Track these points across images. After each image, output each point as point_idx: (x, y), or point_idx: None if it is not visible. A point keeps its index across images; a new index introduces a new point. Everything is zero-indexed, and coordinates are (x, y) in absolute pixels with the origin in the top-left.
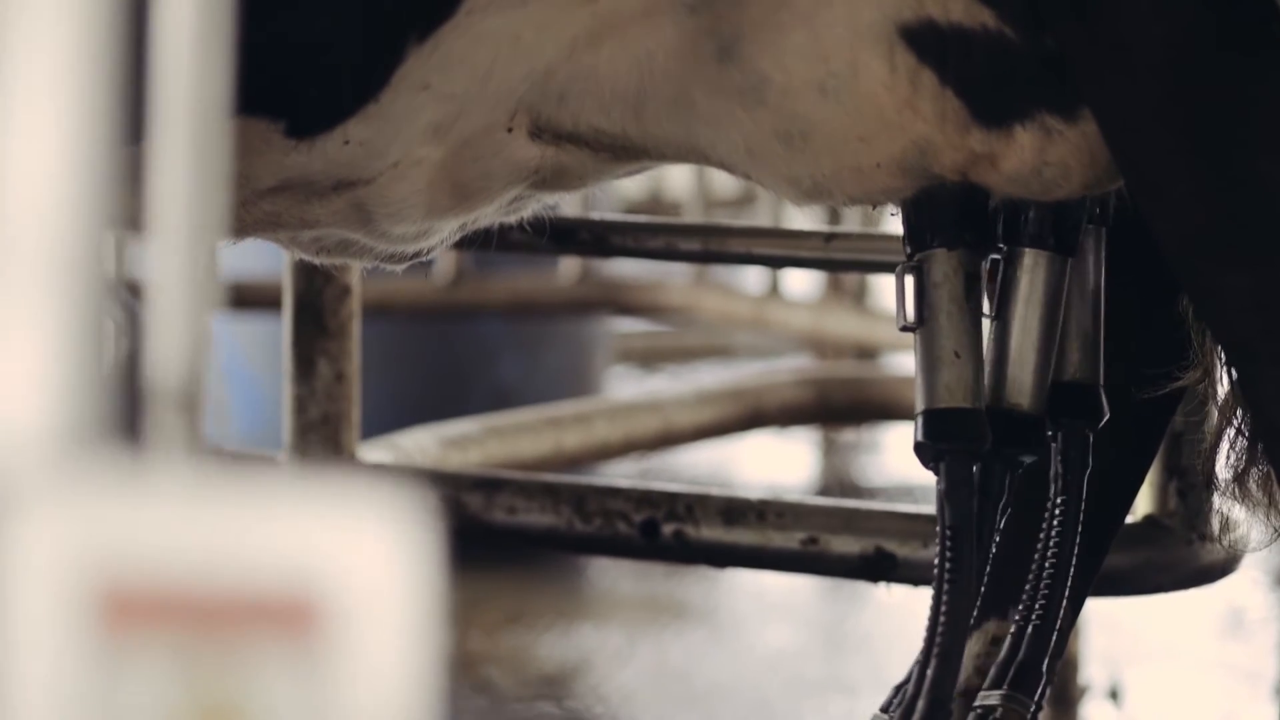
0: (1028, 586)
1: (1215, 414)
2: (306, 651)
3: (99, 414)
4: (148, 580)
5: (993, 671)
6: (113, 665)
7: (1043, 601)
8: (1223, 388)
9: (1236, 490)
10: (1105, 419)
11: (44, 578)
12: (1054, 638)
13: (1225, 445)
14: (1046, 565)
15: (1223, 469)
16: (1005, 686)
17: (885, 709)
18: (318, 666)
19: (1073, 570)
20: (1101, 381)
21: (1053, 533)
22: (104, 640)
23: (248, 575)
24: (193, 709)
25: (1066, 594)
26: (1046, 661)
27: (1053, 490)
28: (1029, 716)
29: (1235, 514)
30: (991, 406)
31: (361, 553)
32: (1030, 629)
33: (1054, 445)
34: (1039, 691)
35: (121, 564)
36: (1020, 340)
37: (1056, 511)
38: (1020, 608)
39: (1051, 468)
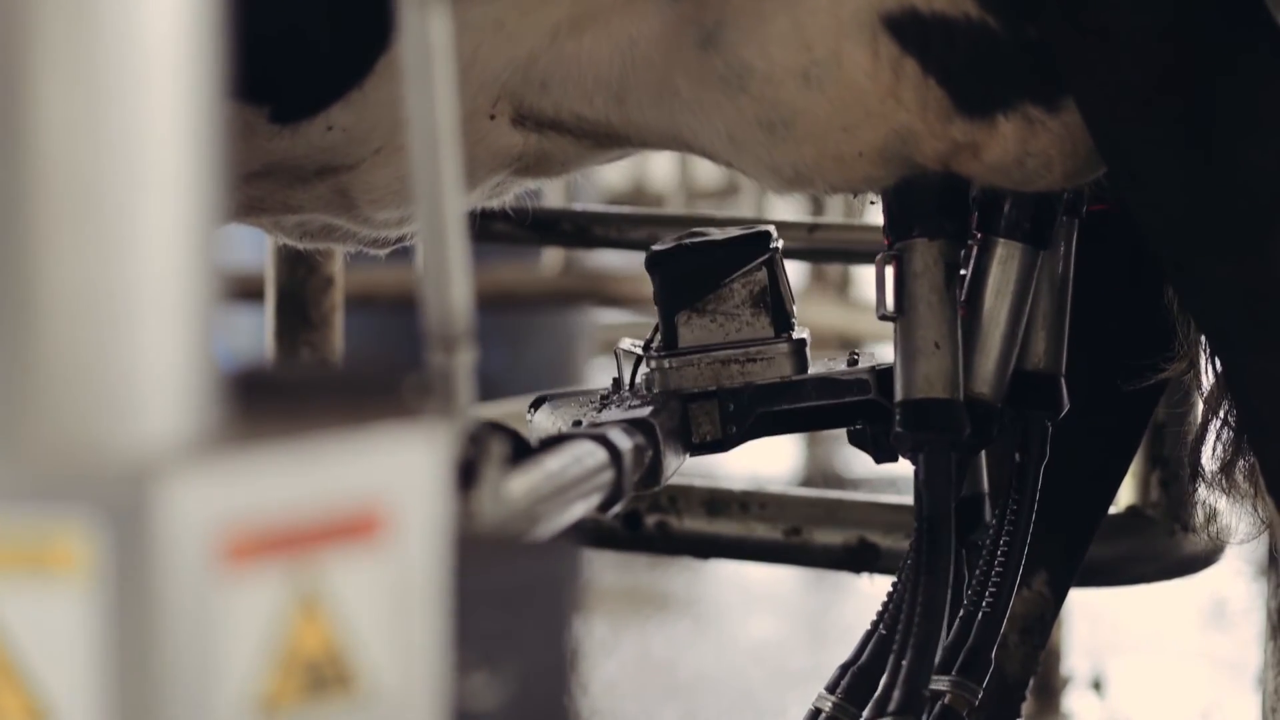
0: (978, 573)
1: (1200, 405)
2: (368, 552)
3: (217, 393)
4: (258, 521)
5: (941, 656)
6: (236, 585)
7: (994, 589)
8: (1208, 379)
9: (1223, 482)
10: (1065, 410)
11: (183, 529)
12: (1004, 624)
13: (1211, 437)
14: (999, 553)
15: (1208, 460)
16: (954, 672)
17: (831, 689)
18: (376, 562)
19: (1042, 562)
20: (1063, 372)
21: (1006, 521)
22: (229, 569)
23: (328, 505)
24: (292, 602)
25: (1018, 581)
26: (995, 648)
27: (1007, 478)
28: (977, 702)
29: (1220, 505)
30: None
31: (406, 482)
32: (981, 615)
33: (1012, 433)
34: (987, 678)
35: (239, 513)
36: (987, 330)
37: (1011, 500)
38: (971, 594)
39: (1008, 455)
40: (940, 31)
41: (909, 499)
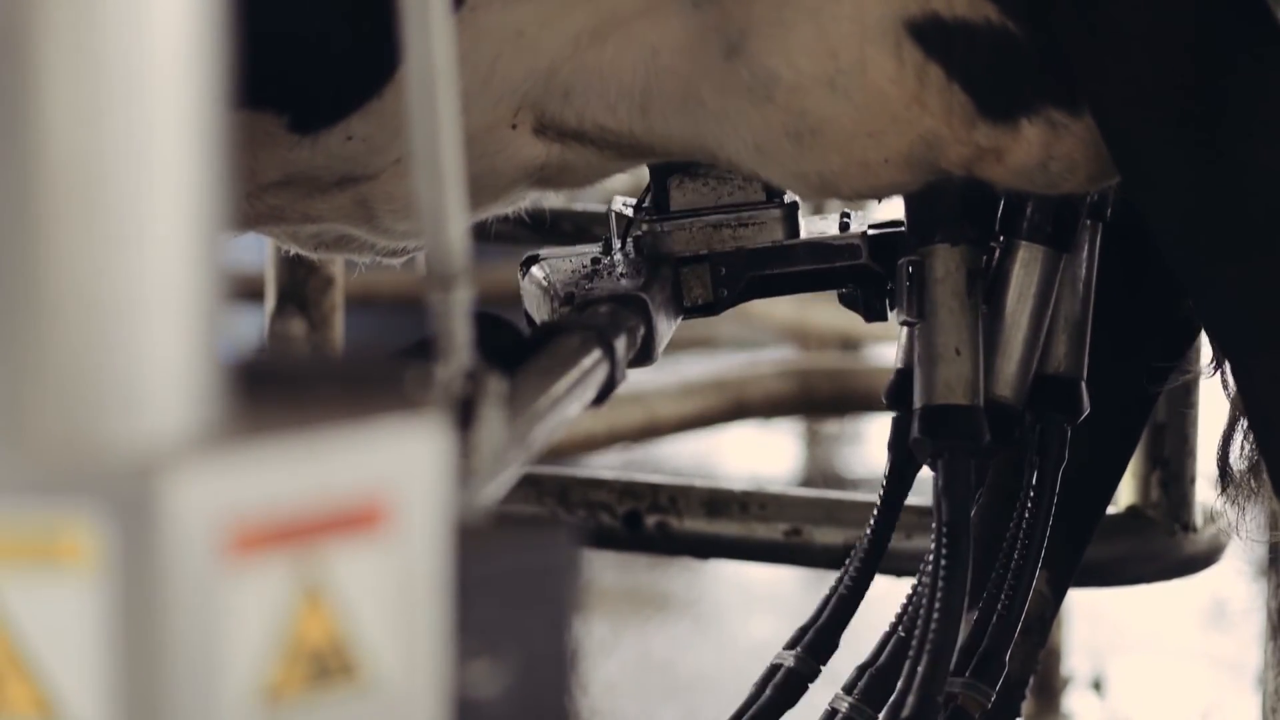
0: (994, 575)
1: (1229, 406)
2: (371, 543)
3: (222, 388)
4: (262, 514)
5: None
6: (241, 576)
7: (1009, 591)
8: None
9: (1251, 480)
10: (1085, 413)
11: (189, 522)
12: (1018, 628)
13: (1239, 436)
14: (1016, 555)
15: (1236, 460)
16: (967, 674)
17: (849, 690)
18: (379, 553)
19: (1042, 561)
20: (1084, 376)
21: (1024, 523)
22: (234, 561)
23: (331, 497)
24: (296, 593)
25: (1033, 584)
26: (1009, 651)
27: (1026, 481)
28: (989, 705)
29: (1251, 506)
30: None
31: (408, 474)
32: (995, 618)
33: (1031, 436)
34: (1000, 680)
35: (243, 505)
36: (1009, 333)
37: (1029, 503)
38: (986, 596)
39: (1026, 458)
40: (963, 36)
41: (909, 499)
